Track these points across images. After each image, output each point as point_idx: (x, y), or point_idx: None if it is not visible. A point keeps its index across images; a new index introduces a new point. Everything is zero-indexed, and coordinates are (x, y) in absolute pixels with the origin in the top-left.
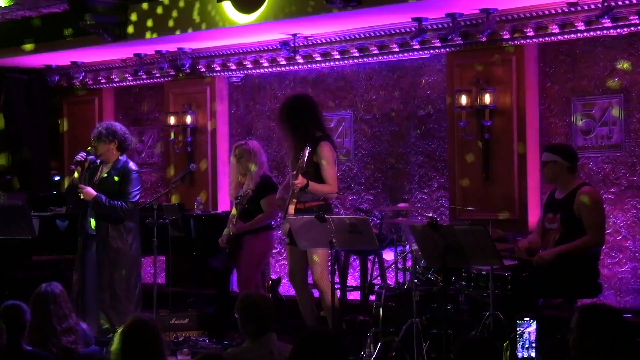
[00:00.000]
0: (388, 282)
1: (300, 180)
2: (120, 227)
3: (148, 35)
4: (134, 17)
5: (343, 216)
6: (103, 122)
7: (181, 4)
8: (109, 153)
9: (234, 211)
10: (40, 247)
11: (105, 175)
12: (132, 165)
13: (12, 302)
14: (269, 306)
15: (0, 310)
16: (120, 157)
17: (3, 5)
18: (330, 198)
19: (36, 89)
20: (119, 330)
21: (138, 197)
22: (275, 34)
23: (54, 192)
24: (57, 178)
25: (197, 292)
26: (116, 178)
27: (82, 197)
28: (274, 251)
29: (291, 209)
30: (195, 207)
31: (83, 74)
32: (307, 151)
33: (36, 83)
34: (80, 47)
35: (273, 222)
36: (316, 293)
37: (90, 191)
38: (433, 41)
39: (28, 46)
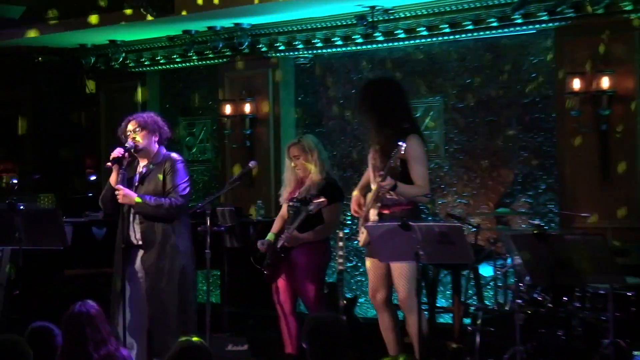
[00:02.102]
0: (486, 302)
1: (389, 182)
2: (169, 230)
3: (199, 8)
4: None
5: (432, 224)
6: (138, 113)
7: None
8: (152, 146)
9: (282, 212)
10: (73, 259)
11: (146, 171)
12: (175, 154)
13: (41, 324)
14: (343, 330)
15: (28, 332)
16: (159, 150)
17: None
18: (420, 202)
19: (69, 73)
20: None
21: (189, 189)
22: (350, 6)
23: (90, 195)
24: (93, 178)
25: (258, 313)
26: (160, 176)
27: (119, 200)
28: (348, 264)
29: (372, 214)
30: (256, 212)
31: (123, 54)
32: (402, 148)
33: (69, 66)
34: (120, 23)
35: (347, 230)
36: (401, 314)
37: (130, 194)
38: (539, 14)
39: (93, 19)
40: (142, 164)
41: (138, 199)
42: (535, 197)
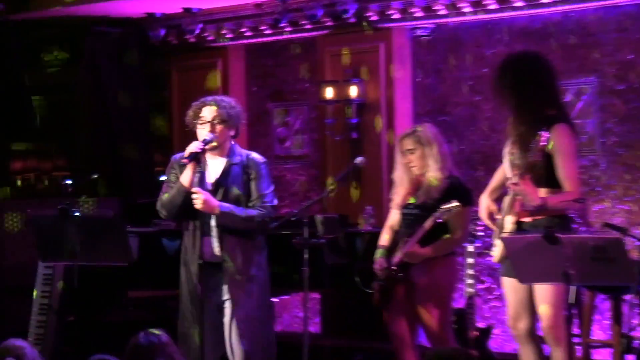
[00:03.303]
0: None
1: (530, 190)
2: (249, 245)
3: None
4: None
5: (585, 236)
6: (218, 95)
7: None
8: (228, 141)
9: (392, 221)
10: (139, 278)
11: (222, 173)
12: (256, 155)
13: (101, 357)
14: None
15: None
16: (233, 147)
17: None
18: (570, 208)
19: (133, 48)
20: None
21: (276, 199)
22: None
23: None
24: (163, 178)
25: (368, 346)
26: (242, 181)
27: (197, 206)
28: (480, 286)
29: (509, 222)
30: (365, 220)
31: (201, 25)
32: (544, 139)
33: (133, 40)
34: None
35: (478, 243)
36: (547, 349)
37: (212, 200)
38: None
39: None
40: (212, 163)
41: (220, 206)
42: None
